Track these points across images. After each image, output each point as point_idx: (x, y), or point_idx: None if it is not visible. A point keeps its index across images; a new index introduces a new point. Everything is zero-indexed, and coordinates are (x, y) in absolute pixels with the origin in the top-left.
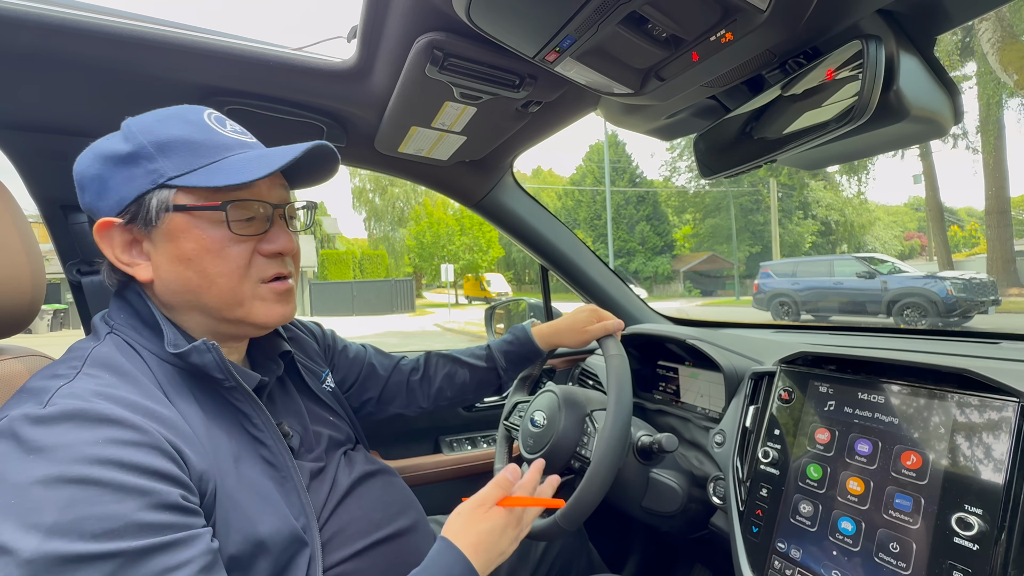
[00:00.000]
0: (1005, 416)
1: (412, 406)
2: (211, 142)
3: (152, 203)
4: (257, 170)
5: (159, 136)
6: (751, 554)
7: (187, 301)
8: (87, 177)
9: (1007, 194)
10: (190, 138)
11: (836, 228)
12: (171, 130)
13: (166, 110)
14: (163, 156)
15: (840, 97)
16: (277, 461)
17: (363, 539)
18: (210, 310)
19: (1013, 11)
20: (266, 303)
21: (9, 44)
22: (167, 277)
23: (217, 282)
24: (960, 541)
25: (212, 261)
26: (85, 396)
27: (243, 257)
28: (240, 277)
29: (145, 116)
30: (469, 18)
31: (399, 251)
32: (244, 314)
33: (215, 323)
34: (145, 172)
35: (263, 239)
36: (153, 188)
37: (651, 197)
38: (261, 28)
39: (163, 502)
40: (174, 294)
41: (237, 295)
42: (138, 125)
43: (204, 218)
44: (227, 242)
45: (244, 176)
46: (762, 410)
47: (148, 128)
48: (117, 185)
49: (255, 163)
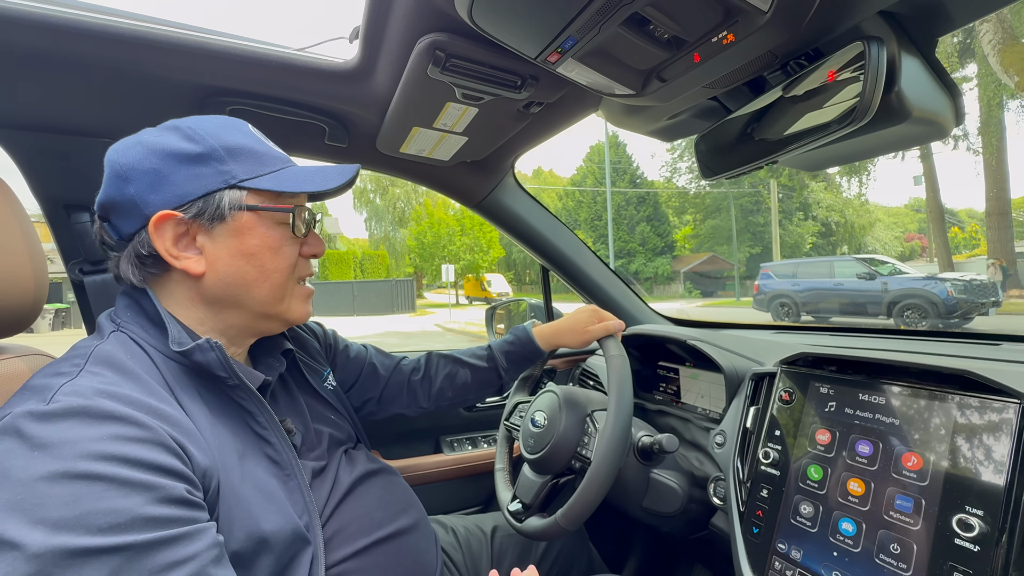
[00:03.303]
0: (1006, 417)
1: (413, 406)
2: (268, 153)
3: (224, 201)
4: (322, 183)
5: (227, 142)
6: (751, 555)
7: (235, 295)
8: (139, 170)
9: (1008, 196)
10: (253, 147)
11: (836, 229)
12: (236, 138)
13: (218, 118)
14: (233, 160)
15: (841, 98)
16: (281, 459)
17: (364, 538)
18: (255, 304)
19: (1014, 13)
20: (299, 301)
21: (12, 44)
22: (225, 270)
23: (272, 277)
24: (961, 542)
25: (271, 257)
26: (88, 394)
27: (293, 256)
28: (289, 274)
29: (200, 121)
30: (471, 19)
31: (400, 251)
32: (283, 309)
33: (252, 318)
34: (216, 172)
35: (305, 242)
36: (224, 188)
37: (652, 198)
38: (263, 29)
39: (169, 496)
40: (226, 287)
41: (283, 291)
42: (203, 129)
43: (269, 218)
44: (285, 241)
45: (309, 186)
46: (763, 411)
47: (214, 133)
48: (181, 181)
49: (311, 177)
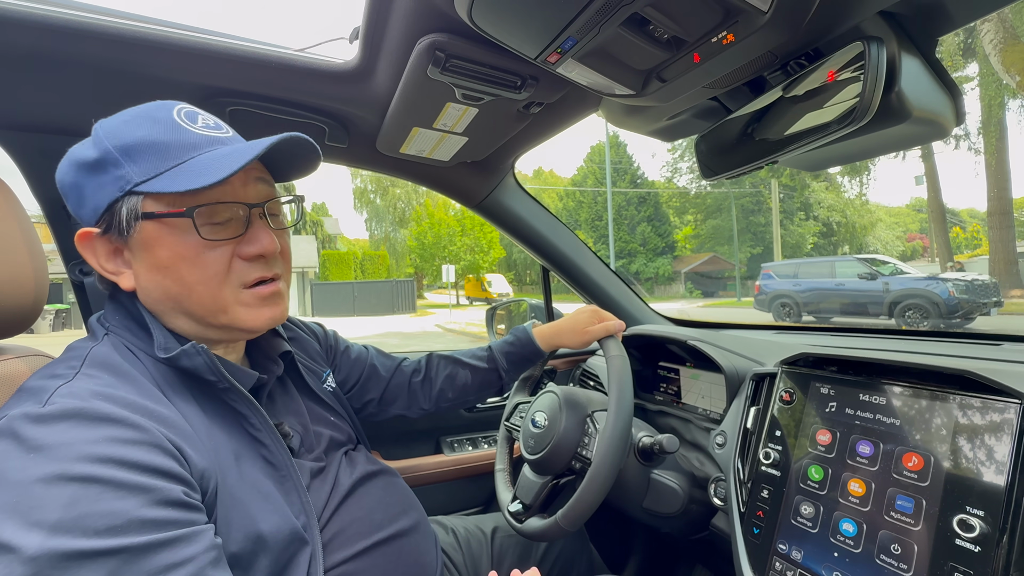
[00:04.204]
0: (1007, 418)
1: (414, 407)
2: (178, 142)
3: (123, 212)
4: (221, 170)
5: (124, 139)
6: (752, 555)
7: (171, 308)
8: (66, 185)
9: (1009, 195)
10: (156, 139)
11: (838, 229)
12: (136, 132)
13: (135, 109)
14: (129, 161)
15: (842, 98)
16: (276, 460)
17: (364, 539)
18: (195, 316)
19: (1015, 12)
20: (251, 308)
21: (12, 44)
22: (147, 285)
23: (196, 290)
24: (962, 543)
25: (188, 269)
26: (84, 396)
27: (220, 263)
28: (219, 284)
29: (113, 118)
30: (471, 19)
31: (400, 252)
32: (229, 320)
33: (203, 328)
34: (113, 179)
35: (241, 241)
36: (122, 196)
37: (652, 198)
38: (263, 29)
39: (166, 498)
40: (157, 302)
41: (219, 302)
42: (104, 128)
43: (174, 225)
44: (201, 248)
45: (208, 178)
46: (763, 411)
47: (113, 131)
48: (91, 193)
49: (220, 162)
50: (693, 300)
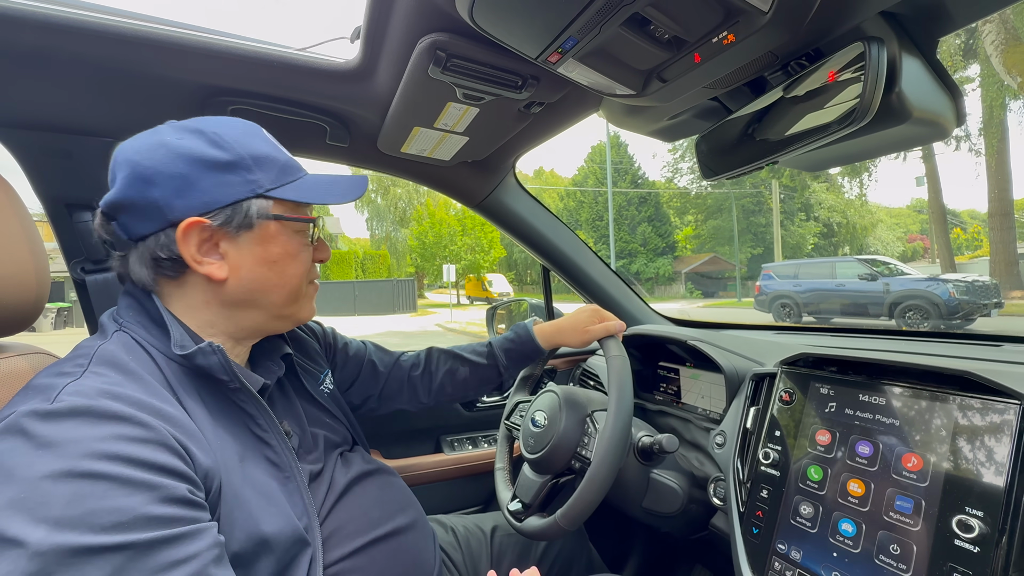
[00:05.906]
0: (1007, 419)
1: (413, 401)
2: (289, 162)
3: (252, 210)
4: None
5: (254, 150)
6: (751, 555)
7: (254, 298)
8: (165, 174)
9: (1010, 196)
10: (275, 156)
11: (838, 230)
12: (260, 146)
13: (237, 123)
14: (259, 169)
15: (842, 99)
16: (281, 461)
17: (361, 537)
18: (272, 306)
19: (1017, 13)
20: (309, 301)
21: (13, 42)
22: (248, 276)
23: (291, 282)
24: (961, 543)
25: (290, 264)
26: (91, 394)
27: (308, 262)
28: (303, 279)
29: (223, 126)
30: (472, 19)
31: (401, 251)
32: (296, 309)
33: (266, 319)
34: (244, 181)
35: (316, 248)
36: (251, 197)
37: (653, 198)
38: (264, 29)
39: (171, 496)
40: (247, 291)
41: (298, 293)
42: (229, 135)
43: (290, 227)
44: (302, 248)
45: (329, 199)
46: (763, 411)
47: (241, 141)
48: (208, 188)
49: (329, 188)
50: (693, 300)
